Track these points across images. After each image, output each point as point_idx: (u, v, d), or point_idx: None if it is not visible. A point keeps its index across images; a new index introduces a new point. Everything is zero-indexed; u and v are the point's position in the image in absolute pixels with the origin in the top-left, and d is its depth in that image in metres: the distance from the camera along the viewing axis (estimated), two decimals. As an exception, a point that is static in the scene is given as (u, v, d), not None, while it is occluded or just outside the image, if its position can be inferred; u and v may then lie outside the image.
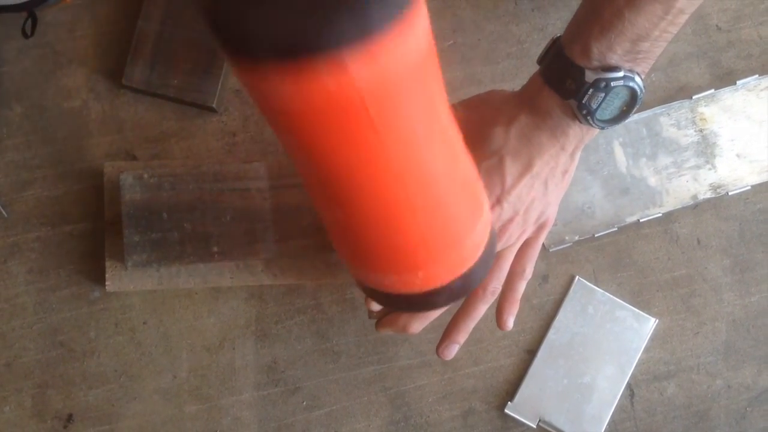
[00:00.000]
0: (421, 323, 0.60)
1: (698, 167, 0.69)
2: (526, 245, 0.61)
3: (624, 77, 0.52)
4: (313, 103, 0.34)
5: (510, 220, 0.57)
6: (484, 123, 0.58)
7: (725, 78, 0.71)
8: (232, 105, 0.70)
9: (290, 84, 0.33)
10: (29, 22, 0.68)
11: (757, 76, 0.70)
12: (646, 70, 0.54)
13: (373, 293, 0.51)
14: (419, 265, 0.45)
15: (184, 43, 0.67)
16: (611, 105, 0.54)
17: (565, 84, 0.54)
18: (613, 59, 0.52)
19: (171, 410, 0.68)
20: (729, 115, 0.70)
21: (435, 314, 0.60)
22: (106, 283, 0.66)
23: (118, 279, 0.66)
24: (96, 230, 0.68)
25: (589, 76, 0.52)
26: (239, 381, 0.68)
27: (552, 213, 0.61)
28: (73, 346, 0.68)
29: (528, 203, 0.58)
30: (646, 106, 0.70)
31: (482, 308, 0.61)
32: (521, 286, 0.62)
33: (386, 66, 0.34)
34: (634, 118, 0.69)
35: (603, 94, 0.52)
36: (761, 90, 0.70)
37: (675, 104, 0.70)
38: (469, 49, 0.71)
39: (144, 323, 0.68)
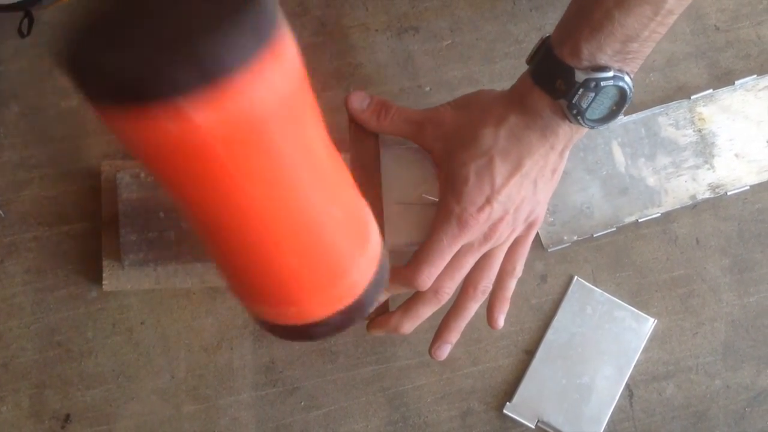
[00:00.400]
0: (412, 323, 0.60)
1: (697, 167, 0.69)
2: (516, 244, 0.62)
3: (614, 77, 0.52)
4: (158, 146, 0.33)
5: (500, 220, 0.58)
6: (474, 123, 0.58)
7: (723, 78, 0.71)
8: (230, 105, 0.69)
9: (132, 127, 0.32)
10: (25, 21, 0.68)
11: (755, 76, 0.70)
12: (635, 70, 0.54)
13: (256, 320, 0.49)
14: (292, 301, 0.43)
15: (182, 43, 0.67)
16: (601, 105, 0.54)
17: (555, 84, 0.54)
18: (603, 59, 0.52)
19: (169, 410, 0.68)
20: (727, 115, 0.70)
21: (426, 314, 0.61)
22: (103, 282, 0.66)
23: (116, 278, 0.66)
24: (94, 230, 0.68)
25: (579, 77, 0.53)
26: (237, 381, 0.68)
27: (541, 211, 0.61)
28: (70, 346, 0.68)
29: (518, 203, 0.58)
30: (644, 106, 0.70)
31: (473, 307, 0.61)
32: (512, 285, 0.63)
33: (238, 110, 0.32)
34: (632, 118, 0.69)
35: (593, 94, 0.53)
36: (759, 90, 0.70)
37: (673, 104, 0.70)
38: (467, 49, 0.71)
39: (142, 323, 0.68)
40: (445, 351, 0.62)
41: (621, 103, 0.54)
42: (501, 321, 0.63)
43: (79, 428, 0.67)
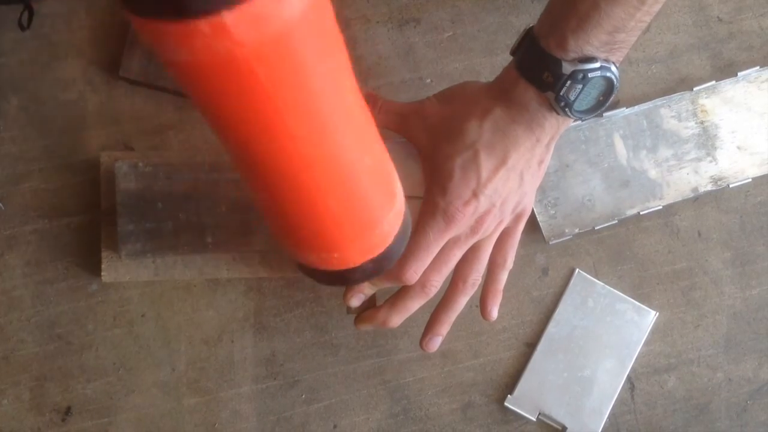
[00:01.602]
0: (400, 317, 0.60)
1: (699, 159, 0.69)
2: (505, 235, 0.61)
3: (601, 68, 0.52)
4: (198, 60, 0.35)
5: (486, 213, 0.58)
6: (458, 116, 0.58)
7: (726, 70, 0.71)
8: (231, 97, 0.69)
9: (175, 42, 0.35)
10: (26, 14, 0.67)
11: (758, 67, 0.70)
12: (621, 59, 0.54)
13: (297, 265, 0.54)
14: (334, 248, 0.48)
15: (182, 35, 0.67)
16: (588, 96, 0.54)
17: (542, 76, 0.54)
18: (590, 50, 0.52)
19: (170, 403, 0.68)
20: (730, 107, 0.69)
21: (414, 308, 0.61)
22: (102, 273, 0.66)
23: (114, 269, 0.66)
24: (94, 223, 0.68)
25: (566, 68, 0.52)
26: (238, 374, 0.68)
27: (529, 202, 0.61)
28: (71, 339, 0.68)
29: (504, 195, 0.58)
30: (646, 98, 0.70)
31: (462, 300, 0.61)
32: (503, 277, 0.63)
33: (273, 26, 0.35)
34: (634, 110, 0.69)
35: (581, 86, 0.53)
36: (762, 82, 0.70)
37: (676, 96, 0.69)
38: (469, 41, 0.70)
39: (142, 316, 0.68)
40: (436, 343, 0.62)
41: (608, 93, 0.54)
42: (495, 313, 0.63)
43: (80, 421, 0.67)
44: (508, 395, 0.68)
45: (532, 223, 0.69)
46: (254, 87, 0.37)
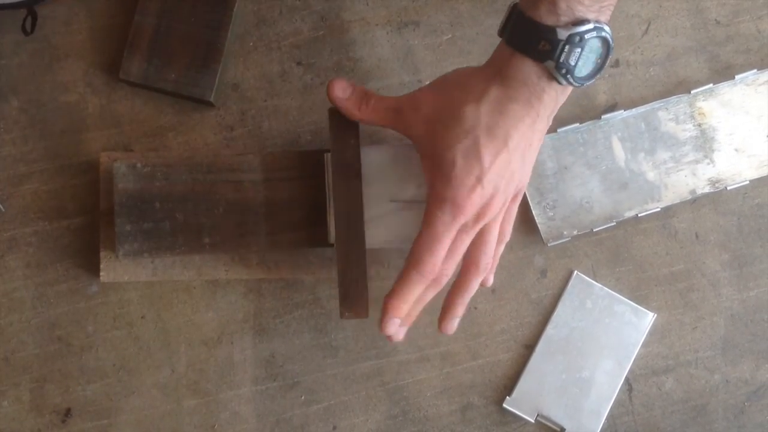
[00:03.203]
0: (417, 310, 0.60)
1: (697, 162, 0.69)
2: (506, 212, 0.61)
3: (595, 28, 0.53)
4: None
5: (492, 197, 0.57)
6: (454, 102, 0.57)
7: (724, 72, 0.71)
8: (230, 99, 0.70)
9: None
10: (29, 19, 0.68)
11: (755, 70, 0.70)
12: (608, 19, 0.54)
13: None
14: None
15: (182, 37, 0.67)
16: (588, 60, 0.54)
17: (539, 47, 0.53)
18: (581, 11, 0.52)
19: (169, 405, 0.68)
20: (727, 109, 0.70)
21: (428, 298, 0.60)
22: (101, 273, 0.66)
23: (113, 269, 0.66)
24: (94, 224, 0.68)
25: (562, 34, 0.52)
26: (237, 375, 0.68)
27: (528, 177, 0.60)
28: (71, 341, 0.68)
29: (508, 178, 0.57)
30: (644, 101, 0.70)
31: (476, 283, 0.61)
32: (501, 249, 0.62)
33: None
34: (632, 112, 0.69)
35: (579, 49, 0.53)
36: (760, 84, 0.70)
37: (673, 99, 0.69)
38: (468, 43, 0.71)
39: (142, 318, 0.68)
40: (454, 324, 0.61)
41: (605, 55, 0.54)
42: (491, 280, 0.63)
43: (80, 422, 0.67)
44: (507, 397, 0.68)
45: (531, 225, 0.69)
46: None
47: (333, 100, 0.60)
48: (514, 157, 0.56)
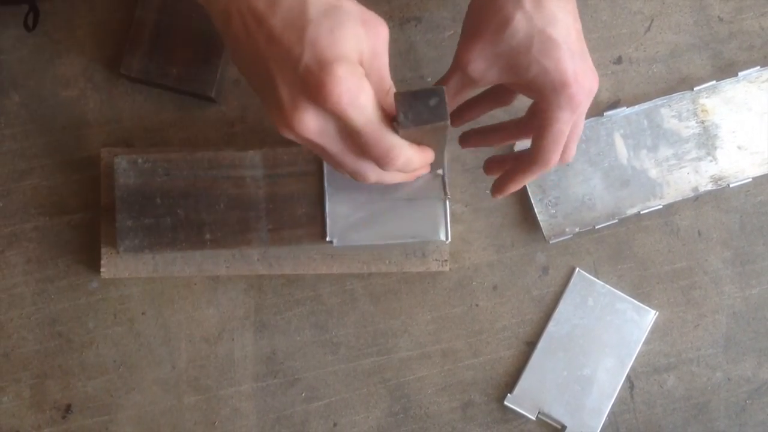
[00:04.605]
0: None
1: (699, 159, 0.69)
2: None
3: None
4: None
5: (594, 81, 0.52)
6: (500, 28, 0.52)
7: (727, 69, 0.71)
8: (231, 95, 0.69)
9: None
10: (31, 15, 0.67)
11: (758, 67, 0.70)
12: None
13: None
14: None
15: (183, 33, 0.67)
16: None
17: None
18: None
19: (170, 401, 0.68)
20: (730, 106, 0.69)
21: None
22: (102, 269, 0.66)
23: (113, 265, 0.66)
24: (94, 220, 0.68)
25: None
26: (238, 372, 0.68)
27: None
28: (71, 337, 0.68)
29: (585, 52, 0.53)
30: (647, 98, 0.70)
31: (539, 172, 0.56)
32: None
33: None
34: (634, 109, 0.69)
35: None
36: (763, 82, 0.70)
37: (676, 96, 0.69)
38: (470, 40, 0.70)
39: (143, 314, 0.68)
40: (504, 194, 0.58)
41: None
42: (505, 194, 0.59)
43: (80, 418, 0.67)
44: (508, 394, 0.68)
45: (533, 222, 0.69)
46: None
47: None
48: (580, 34, 0.53)
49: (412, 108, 0.45)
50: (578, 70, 0.52)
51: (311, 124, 0.46)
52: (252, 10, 0.45)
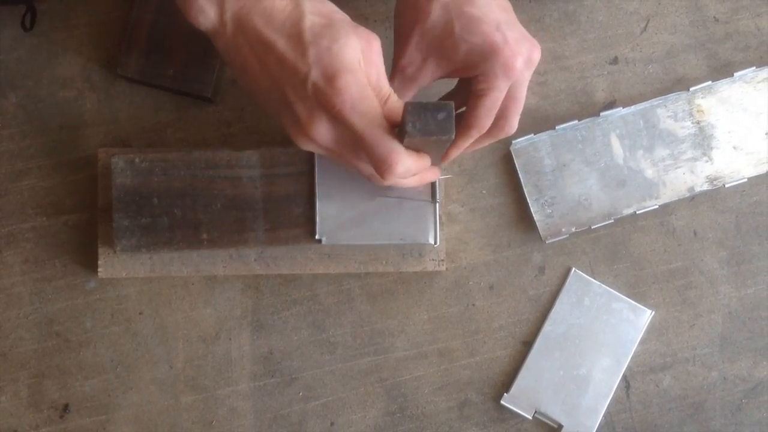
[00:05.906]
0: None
1: (695, 159, 0.69)
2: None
3: None
4: None
5: (533, 48, 0.55)
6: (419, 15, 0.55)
7: (722, 70, 0.71)
8: (228, 95, 0.69)
9: None
10: (29, 15, 0.67)
11: (754, 68, 0.70)
12: None
13: None
14: None
15: (180, 33, 0.67)
16: None
17: None
18: None
19: (167, 401, 0.68)
20: (726, 107, 0.70)
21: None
22: (99, 269, 0.66)
23: (111, 265, 0.66)
24: (91, 220, 0.68)
25: None
26: (235, 372, 0.68)
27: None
28: (68, 336, 0.68)
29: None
30: (643, 98, 0.70)
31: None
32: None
33: None
34: (630, 110, 0.69)
35: None
36: (758, 82, 0.70)
37: (672, 96, 0.69)
38: (467, 40, 0.71)
39: (140, 313, 0.68)
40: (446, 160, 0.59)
41: None
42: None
43: (78, 418, 0.68)
44: (505, 393, 0.68)
45: (529, 222, 0.69)
46: None
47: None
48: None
49: (421, 119, 0.47)
50: (508, 38, 0.53)
51: (326, 133, 0.50)
52: (261, 40, 0.50)
